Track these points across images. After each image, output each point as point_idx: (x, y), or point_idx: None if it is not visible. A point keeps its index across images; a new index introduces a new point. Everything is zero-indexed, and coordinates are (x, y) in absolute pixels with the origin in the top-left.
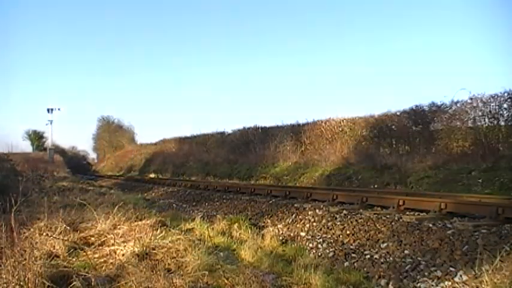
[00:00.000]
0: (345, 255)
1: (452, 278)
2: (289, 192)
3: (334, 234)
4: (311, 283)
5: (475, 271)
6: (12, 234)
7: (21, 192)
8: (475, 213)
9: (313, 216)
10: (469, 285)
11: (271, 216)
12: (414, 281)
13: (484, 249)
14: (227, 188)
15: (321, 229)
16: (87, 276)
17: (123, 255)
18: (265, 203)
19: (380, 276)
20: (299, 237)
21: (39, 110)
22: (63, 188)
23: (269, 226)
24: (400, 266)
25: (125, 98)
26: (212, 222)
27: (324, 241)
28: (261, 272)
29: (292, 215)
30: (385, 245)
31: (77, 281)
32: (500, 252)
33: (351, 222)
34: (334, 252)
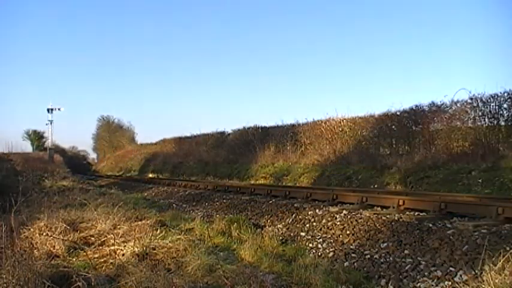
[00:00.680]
0: (345, 255)
1: (452, 278)
2: (289, 192)
3: (334, 234)
4: (311, 283)
5: (475, 271)
6: (12, 234)
7: (21, 192)
8: (475, 213)
9: (313, 216)
10: (469, 285)
11: (271, 216)
12: (414, 281)
13: (484, 249)
14: (227, 188)
15: (321, 229)
16: (87, 276)
17: (123, 255)
18: (265, 203)
19: (380, 276)
20: (299, 237)
21: (39, 110)
22: (63, 188)
23: (269, 226)
24: (400, 266)
25: (124, 98)
26: (212, 222)
27: (324, 241)
28: (260, 271)
29: (292, 215)
30: (385, 245)
31: (77, 281)
32: (501, 252)
33: (351, 222)
34: (334, 252)
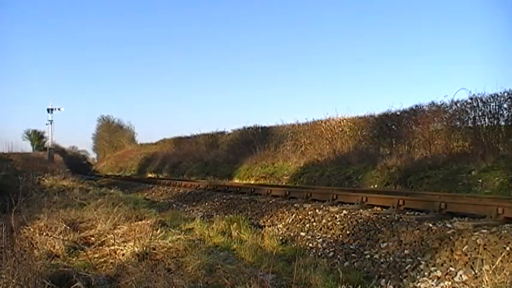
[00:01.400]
0: (345, 255)
1: (452, 278)
2: (289, 192)
3: (334, 234)
4: (311, 283)
5: (474, 271)
6: (12, 234)
7: (21, 192)
8: (475, 213)
9: (313, 216)
10: (469, 285)
11: (271, 216)
12: (414, 281)
13: (484, 249)
14: (227, 188)
15: (321, 229)
16: (87, 276)
17: (123, 255)
18: (265, 203)
19: (380, 276)
20: (299, 237)
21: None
22: (63, 188)
23: (269, 226)
24: (400, 266)
25: (124, 98)
26: (212, 222)
27: (324, 241)
28: (260, 271)
29: (292, 215)
30: (385, 245)
31: (77, 281)
32: (501, 252)
33: (351, 222)
34: (334, 252)
